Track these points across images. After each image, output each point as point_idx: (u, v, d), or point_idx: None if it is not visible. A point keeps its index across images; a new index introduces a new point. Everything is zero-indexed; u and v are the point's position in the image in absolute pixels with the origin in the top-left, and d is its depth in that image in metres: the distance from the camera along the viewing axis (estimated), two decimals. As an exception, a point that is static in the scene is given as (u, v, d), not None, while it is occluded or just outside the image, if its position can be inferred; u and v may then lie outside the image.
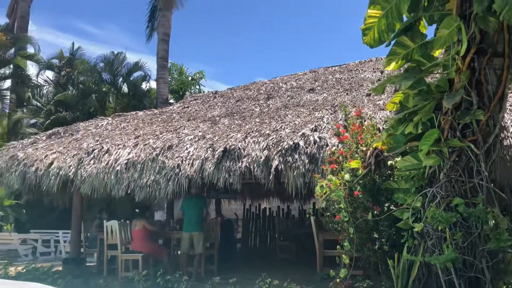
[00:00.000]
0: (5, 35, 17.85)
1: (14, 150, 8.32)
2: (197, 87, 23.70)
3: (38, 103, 18.52)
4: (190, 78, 23.22)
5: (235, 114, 8.68)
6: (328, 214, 4.82)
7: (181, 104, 10.92)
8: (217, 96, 10.85)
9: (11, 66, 18.95)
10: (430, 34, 4.62)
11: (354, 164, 4.60)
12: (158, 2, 20.45)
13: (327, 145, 5.89)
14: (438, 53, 4.47)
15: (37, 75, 20.30)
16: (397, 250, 4.37)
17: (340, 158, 4.88)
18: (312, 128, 6.44)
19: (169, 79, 20.66)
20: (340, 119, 6.55)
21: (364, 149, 4.73)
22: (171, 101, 21.19)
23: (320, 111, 7.39)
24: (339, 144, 5.46)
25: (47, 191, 7.77)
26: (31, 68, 20.35)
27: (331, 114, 7.15)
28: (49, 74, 20.53)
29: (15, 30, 20.50)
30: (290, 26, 53.07)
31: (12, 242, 13.11)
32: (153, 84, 20.84)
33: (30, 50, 20.38)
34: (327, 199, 4.68)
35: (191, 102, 10.75)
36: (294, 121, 7.11)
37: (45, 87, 19.62)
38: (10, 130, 18.01)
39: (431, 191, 4.01)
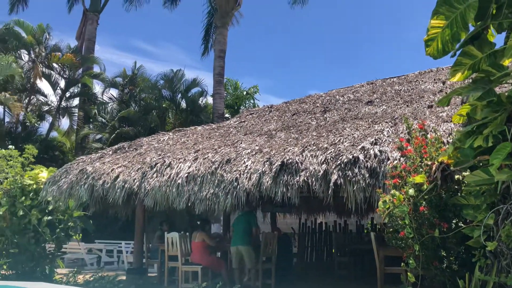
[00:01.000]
0: (75, 56, 19.14)
1: (83, 164, 8.83)
2: (252, 101, 24.05)
3: (103, 119, 19.60)
4: (245, 93, 23.60)
5: (292, 128, 8.69)
6: (391, 230, 4.67)
7: (238, 118, 11.11)
8: (272, 110, 10.93)
9: (79, 85, 20.27)
10: (499, 42, 4.41)
11: (418, 178, 4.44)
12: (213, 20, 21.09)
13: (388, 159, 5.74)
14: (508, 62, 4.26)
15: (102, 93, 21.60)
16: (467, 270, 4.14)
17: (403, 172, 4.73)
18: (372, 141, 6.31)
19: (225, 94, 21.12)
20: (402, 132, 6.37)
21: (429, 163, 4.55)
22: (227, 115, 21.65)
23: (380, 124, 7.24)
24: (402, 158, 5.30)
25: (113, 203, 8.15)
26: (97, 87, 21.70)
27: (391, 127, 6.97)
28: (113, 91, 21.75)
29: (83, 51, 21.93)
30: (343, 38, 52.60)
31: (80, 251, 13.85)
32: (209, 100, 21.43)
33: (96, 69, 21.75)
34: (390, 214, 4.54)
35: (247, 117, 10.90)
36: (352, 134, 7.01)
37: (109, 104, 20.78)
38: (77, 145, 19.20)
39: (505, 207, 3.78)
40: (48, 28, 19.90)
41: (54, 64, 19.43)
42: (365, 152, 6.01)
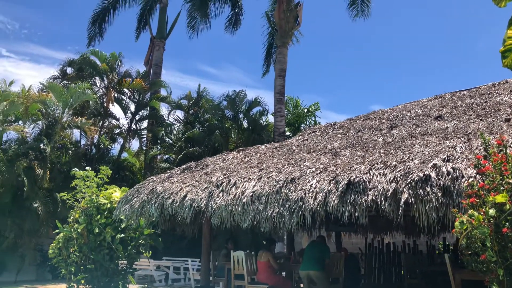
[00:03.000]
0: (143, 81, 20.23)
1: (153, 184, 9.21)
2: (313, 118, 23.94)
3: (170, 140, 20.43)
4: (305, 110, 23.57)
5: (357, 145, 8.52)
6: (470, 252, 4.39)
7: (300, 136, 11.09)
8: (336, 127, 10.80)
9: (148, 108, 21.34)
10: None
11: (500, 198, 4.16)
12: (274, 40, 21.43)
13: (463, 177, 5.44)
14: None
15: (169, 115, 22.59)
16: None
17: (481, 191, 4.45)
18: (444, 158, 6.01)
19: (285, 112, 21.23)
20: (476, 148, 6.03)
21: (511, 181, 4.26)
22: (288, 133, 21.70)
23: (452, 140, 6.90)
24: (478, 176, 5.00)
25: (181, 221, 8.39)
26: (164, 109, 22.73)
27: (464, 142, 6.62)
28: (179, 113, 22.69)
29: (151, 76, 23.13)
30: (407, 51, 51.12)
31: (149, 268, 14.35)
32: (270, 118, 21.65)
33: (163, 93, 22.83)
34: (469, 236, 4.27)
35: (309, 135, 10.85)
36: (422, 151, 6.73)
37: (175, 125, 21.67)
38: (146, 165, 20.13)
39: None
40: (120, 56, 21.27)
41: (125, 89, 20.65)
42: (436, 170, 5.73)
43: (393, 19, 49.17)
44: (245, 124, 20.55)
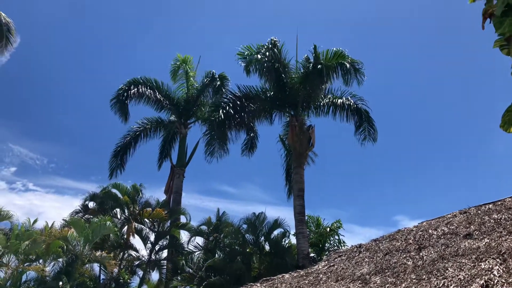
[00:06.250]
0: (164, 210, 20.43)
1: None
2: (336, 237, 23.29)
3: (190, 270, 19.83)
4: (328, 229, 23.06)
5: (386, 271, 8.11)
6: None
7: (326, 262, 10.67)
8: (362, 250, 10.42)
9: (167, 237, 21.19)
10: None
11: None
12: (290, 161, 21.99)
13: (507, 305, 5.03)
14: None
15: (188, 242, 22.26)
16: None
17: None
18: (482, 284, 5.64)
19: (307, 232, 20.79)
20: (515, 271, 5.67)
21: None
22: (312, 254, 20.99)
23: (486, 262, 6.53)
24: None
25: None
26: (183, 236, 22.51)
27: (500, 264, 6.26)
28: (199, 239, 22.36)
29: (171, 203, 23.43)
30: (420, 161, 51.58)
31: None
32: (292, 239, 21.14)
33: (182, 219, 22.83)
34: None
35: (336, 260, 10.44)
36: (457, 275, 6.35)
37: (196, 253, 21.19)
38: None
39: None
40: (141, 186, 21.85)
41: (145, 219, 20.78)
42: (477, 299, 5.34)
43: (399, 137, 50.59)
44: (267, 247, 20.04)
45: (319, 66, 19.92)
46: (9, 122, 47.62)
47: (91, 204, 21.84)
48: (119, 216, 21.15)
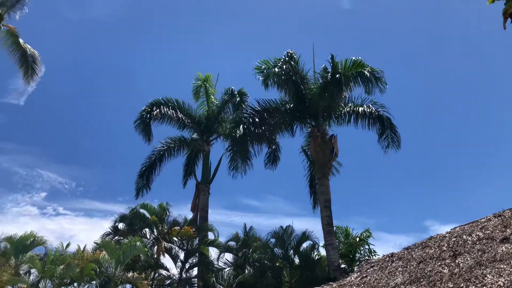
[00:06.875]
0: (191, 228, 20.56)
1: None
2: (366, 246, 22.92)
3: (221, 287, 19.82)
4: (357, 239, 22.74)
5: (422, 280, 7.94)
6: None
7: (358, 273, 10.51)
8: (394, 259, 10.23)
9: (197, 254, 21.26)
10: None
11: None
12: (314, 172, 21.88)
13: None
14: None
15: (217, 259, 22.25)
16: None
17: None
18: (524, 290, 5.48)
19: (337, 243, 20.55)
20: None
21: None
22: (343, 265, 20.70)
23: (526, 266, 6.34)
24: None
25: None
26: (212, 253, 22.53)
27: (541, 268, 6.07)
28: (228, 255, 22.34)
29: (198, 221, 23.55)
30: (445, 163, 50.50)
31: None
32: (321, 250, 20.92)
33: (210, 236, 22.88)
34: None
35: (368, 270, 10.28)
36: (496, 282, 6.19)
37: (225, 269, 21.18)
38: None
39: None
40: (167, 205, 22.08)
41: (174, 238, 20.92)
42: (520, 306, 5.18)
43: (423, 147, 49.74)
44: (296, 260, 19.89)
45: (337, 76, 19.89)
46: (37, 149, 49.11)
47: (120, 226, 22.16)
48: (148, 236, 21.37)
